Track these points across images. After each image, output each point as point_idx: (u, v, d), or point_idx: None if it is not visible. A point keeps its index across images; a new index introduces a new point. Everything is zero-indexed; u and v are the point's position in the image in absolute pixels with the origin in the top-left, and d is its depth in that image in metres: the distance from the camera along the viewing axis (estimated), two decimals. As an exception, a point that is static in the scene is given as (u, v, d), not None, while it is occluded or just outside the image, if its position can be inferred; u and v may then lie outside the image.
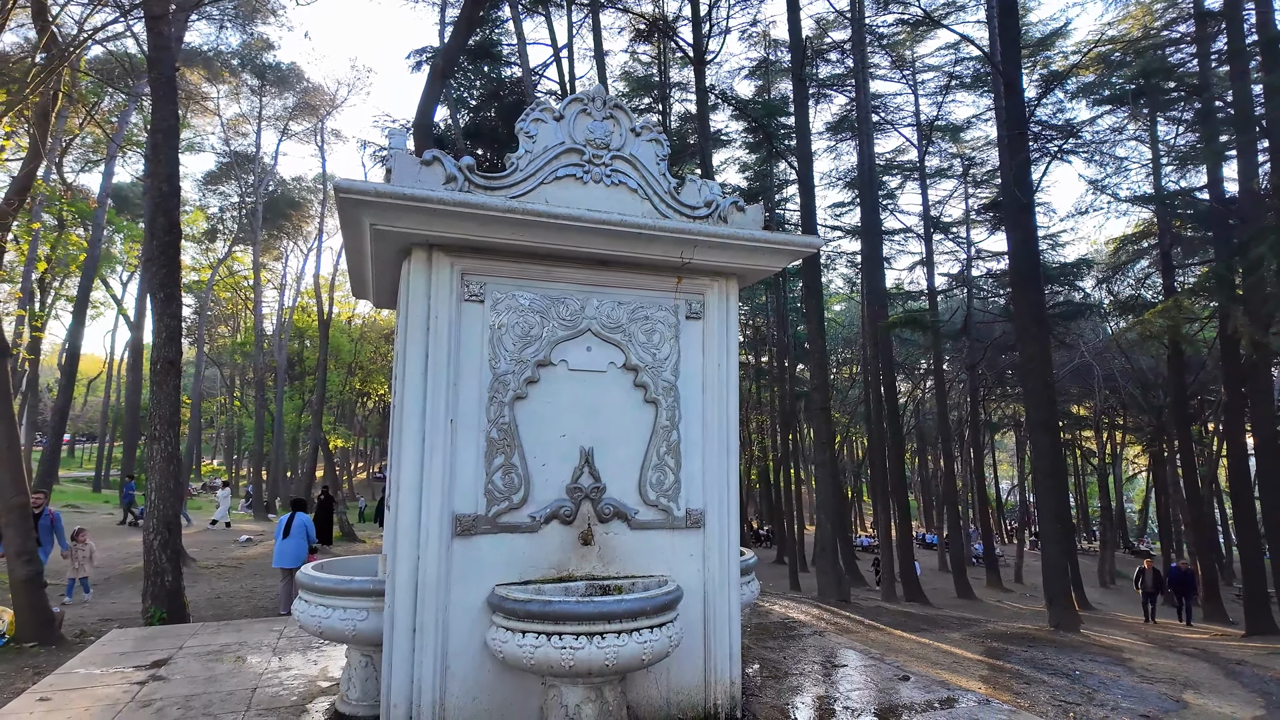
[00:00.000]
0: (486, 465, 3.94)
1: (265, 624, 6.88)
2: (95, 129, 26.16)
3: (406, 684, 3.69)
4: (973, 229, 32.72)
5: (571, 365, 4.17)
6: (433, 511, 3.80)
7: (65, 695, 4.69)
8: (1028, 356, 14.17)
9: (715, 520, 4.31)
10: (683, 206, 4.25)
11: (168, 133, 9.68)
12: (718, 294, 4.45)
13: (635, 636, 3.53)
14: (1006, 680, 8.74)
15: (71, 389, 23.30)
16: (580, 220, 3.84)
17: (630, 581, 4.04)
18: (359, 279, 5.16)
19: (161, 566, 8.73)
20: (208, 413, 58.13)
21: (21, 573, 8.31)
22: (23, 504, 8.49)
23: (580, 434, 4.13)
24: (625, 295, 4.28)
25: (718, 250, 4.20)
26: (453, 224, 3.74)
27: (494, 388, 3.99)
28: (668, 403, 4.29)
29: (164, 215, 9.48)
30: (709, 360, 4.40)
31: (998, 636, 12.87)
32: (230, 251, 39.46)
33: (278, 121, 37.07)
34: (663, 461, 4.26)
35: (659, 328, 4.33)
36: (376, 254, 4.08)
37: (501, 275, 4.06)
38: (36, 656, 7.85)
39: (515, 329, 4.06)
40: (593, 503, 4.11)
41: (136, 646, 5.98)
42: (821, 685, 5.05)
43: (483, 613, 3.82)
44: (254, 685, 4.88)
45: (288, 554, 10.19)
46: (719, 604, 4.26)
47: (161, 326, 9.28)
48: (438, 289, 3.92)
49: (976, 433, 33.36)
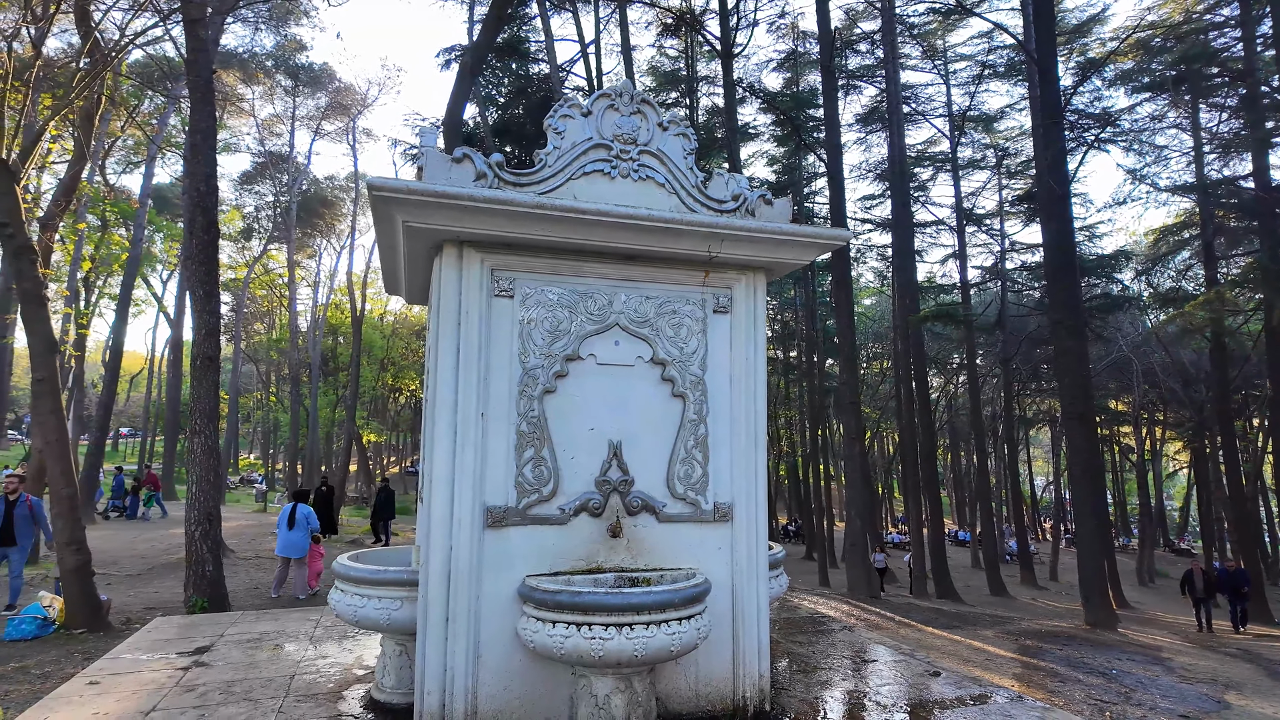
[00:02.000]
0: (517, 458, 4.00)
1: (302, 613, 7.05)
2: (136, 131, 26.84)
3: (440, 672, 3.77)
4: (1006, 221, 32.17)
5: (600, 359, 4.20)
6: (465, 503, 3.86)
7: (113, 679, 4.86)
8: (1063, 350, 13.90)
9: (743, 514, 4.32)
10: (710, 200, 4.25)
11: (205, 133, 9.92)
12: (745, 287, 4.45)
13: (664, 628, 3.57)
14: (1040, 678, 8.62)
15: (115, 385, 23.98)
16: (608, 215, 3.87)
17: (659, 574, 4.06)
18: (392, 275, 5.26)
19: (202, 556, 8.98)
20: (244, 408, 59.46)
21: (71, 561, 8.60)
22: (72, 495, 8.78)
23: (608, 427, 4.17)
24: (653, 289, 4.30)
25: (745, 244, 4.20)
26: (483, 220, 3.79)
27: (524, 382, 4.05)
28: (695, 396, 4.31)
29: (203, 214, 9.72)
30: (737, 354, 4.41)
31: (1032, 634, 12.68)
32: (265, 250, 40.24)
33: (310, 121, 37.71)
34: (690, 455, 4.27)
35: (686, 322, 4.34)
36: (409, 250, 4.15)
37: (530, 270, 4.11)
38: (85, 643, 8.13)
39: (544, 324, 4.11)
40: (621, 495, 4.14)
41: (180, 634, 6.17)
42: (851, 680, 5.04)
43: (514, 603, 3.88)
44: (292, 672, 5.02)
45: (292, 544, 10.74)
46: (747, 597, 4.27)
47: (201, 323, 9.52)
48: (468, 284, 3.98)
49: (1010, 428, 32.79)
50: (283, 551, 10.89)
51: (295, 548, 10.81)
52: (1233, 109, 23.39)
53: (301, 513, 10.85)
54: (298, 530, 10.75)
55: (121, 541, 18.22)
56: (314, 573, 11.61)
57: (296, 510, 10.89)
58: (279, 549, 10.94)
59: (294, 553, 10.83)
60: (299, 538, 10.78)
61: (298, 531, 10.75)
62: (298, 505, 11.02)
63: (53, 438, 8.67)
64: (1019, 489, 34.36)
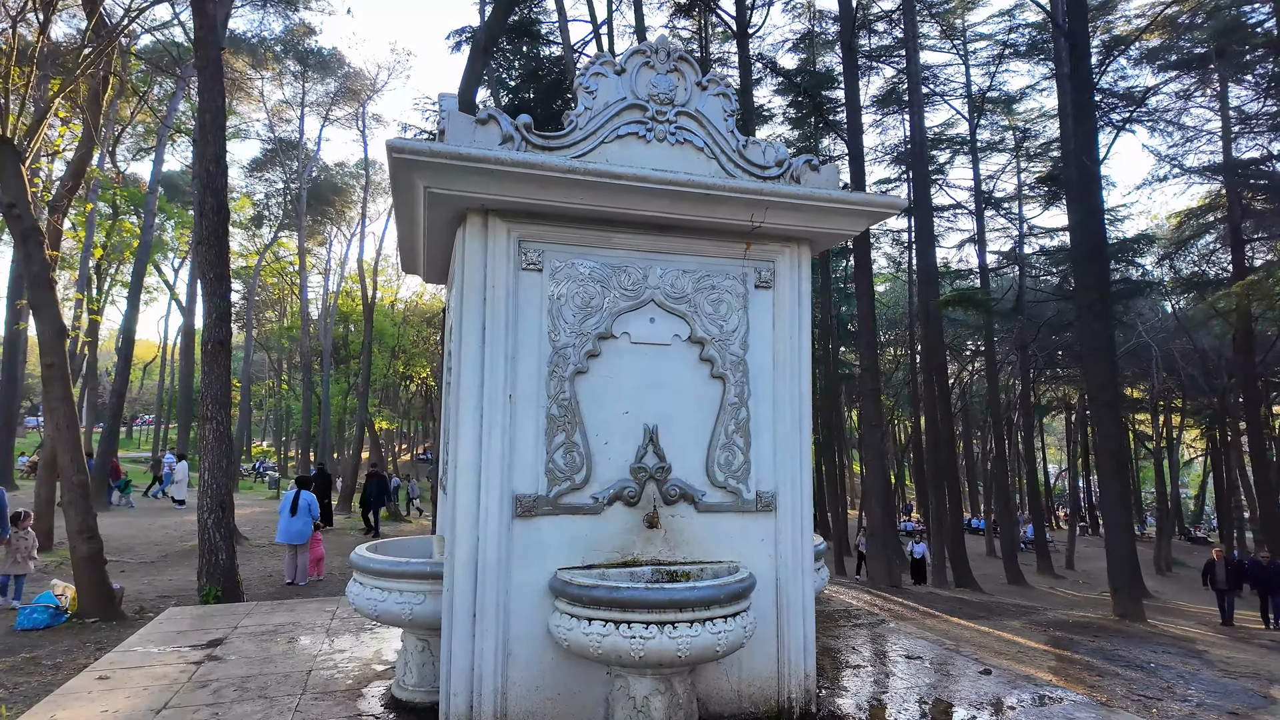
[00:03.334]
0: (547, 443, 3.74)
1: (318, 604, 6.85)
2: (146, 117, 26.71)
3: (467, 670, 3.53)
4: (1025, 205, 31.57)
5: (634, 338, 3.92)
6: (492, 491, 3.60)
7: (124, 674, 4.66)
8: (1092, 334, 13.49)
9: (787, 503, 4.04)
10: (752, 166, 3.95)
11: (214, 113, 9.65)
12: (789, 261, 4.15)
13: (709, 626, 3.30)
14: (1078, 672, 8.33)
15: (128, 372, 23.93)
16: (645, 181, 3.58)
17: (699, 567, 3.80)
18: (409, 252, 4.99)
19: (215, 544, 8.81)
20: (257, 396, 59.70)
21: (84, 550, 8.45)
22: (83, 482, 8.62)
23: (644, 410, 3.89)
24: (690, 263, 4.01)
25: (791, 212, 3.90)
26: (510, 186, 3.50)
27: (554, 361, 3.77)
28: (736, 378, 4.02)
29: (212, 196, 9.48)
30: (780, 332, 4.11)
31: (1060, 625, 12.38)
32: (276, 237, 40.16)
33: (320, 107, 37.51)
34: (731, 440, 4.00)
35: (726, 297, 4.05)
36: (429, 221, 3.88)
37: (560, 242, 3.82)
38: (98, 632, 7.98)
39: (575, 299, 3.83)
40: (658, 483, 3.87)
41: (193, 625, 5.97)
42: (898, 679, 4.76)
43: (545, 597, 3.63)
44: (308, 667, 4.80)
45: (293, 532, 10.82)
46: (792, 592, 4.00)
47: (211, 308, 9.30)
48: (494, 257, 3.71)
49: (1028, 415, 32.36)
50: (283, 539, 10.94)
51: (298, 535, 10.86)
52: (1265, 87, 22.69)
53: (304, 500, 10.91)
54: (299, 518, 10.81)
55: (137, 529, 18.20)
56: (314, 559, 11.60)
57: (300, 497, 10.94)
58: (280, 536, 11.01)
59: (296, 539, 10.88)
60: (300, 524, 10.83)
61: (300, 519, 10.81)
62: (301, 492, 11.08)
63: (63, 424, 8.50)
64: (1036, 477, 33.93)
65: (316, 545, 12.07)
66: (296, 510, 10.83)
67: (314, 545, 12.05)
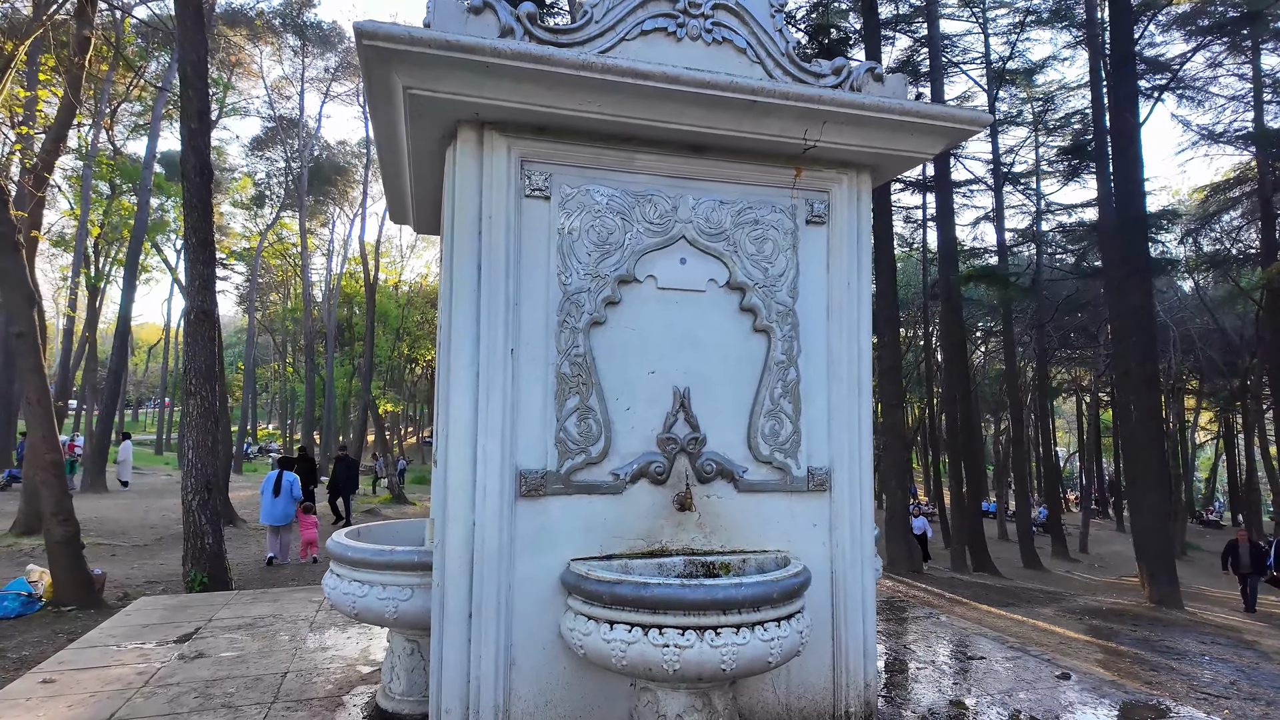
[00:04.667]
0: (557, 408, 3.08)
1: (305, 593, 6.25)
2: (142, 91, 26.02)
3: (461, 682, 2.90)
4: (1043, 180, 30.64)
5: (661, 282, 3.25)
6: (491, 466, 2.96)
7: (73, 676, 4.06)
8: (1131, 306, 12.73)
9: (844, 481, 3.39)
10: (804, 74, 3.25)
11: (196, 65, 8.95)
12: (846, 191, 3.46)
13: (759, 631, 2.66)
14: (1129, 666, 7.71)
15: (124, 351, 23.42)
16: (678, 82, 2.88)
17: (740, 558, 3.16)
18: (395, 194, 4.31)
19: (201, 528, 8.23)
20: (262, 379, 59.34)
21: (59, 533, 7.89)
22: (56, 461, 8.04)
23: (673, 370, 3.23)
24: (729, 192, 3.33)
25: (853, 128, 3.20)
26: (510, 87, 2.82)
27: (565, 309, 3.11)
28: (783, 331, 3.35)
29: (195, 154, 8.81)
30: (835, 277, 3.44)
31: (1095, 613, 11.76)
32: (278, 217, 39.52)
33: (320, 84, 36.80)
34: (778, 406, 3.33)
35: (772, 235, 3.37)
36: (414, 140, 3.20)
37: (571, 163, 3.14)
38: (74, 621, 7.43)
39: (590, 234, 3.15)
40: (690, 457, 3.22)
41: (164, 617, 5.38)
42: (965, 684, 4.12)
43: (555, 593, 3.00)
44: (285, 668, 4.19)
45: (276, 514, 10.82)
46: (850, 585, 3.36)
47: (195, 274, 8.66)
48: (492, 181, 3.03)
49: (1043, 396, 31.64)
50: (266, 519, 10.90)
51: (281, 516, 10.85)
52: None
53: (286, 480, 10.87)
54: (282, 498, 10.78)
55: (134, 511, 17.76)
56: (306, 542, 11.30)
57: (281, 478, 10.90)
58: (263, 517, 10.99)
59: (279, 521, 10.86)
60: (283, 506, 10.82)
61: (282, 500, 10.78)
62: (282, 473, 11.03)
63: (34, 398, 7.90)
64: (1052, 459, 33.25)
65: (309, 528, 11.64)
66: (279, 491, 10.77)
67: (306, 527, 11.65)
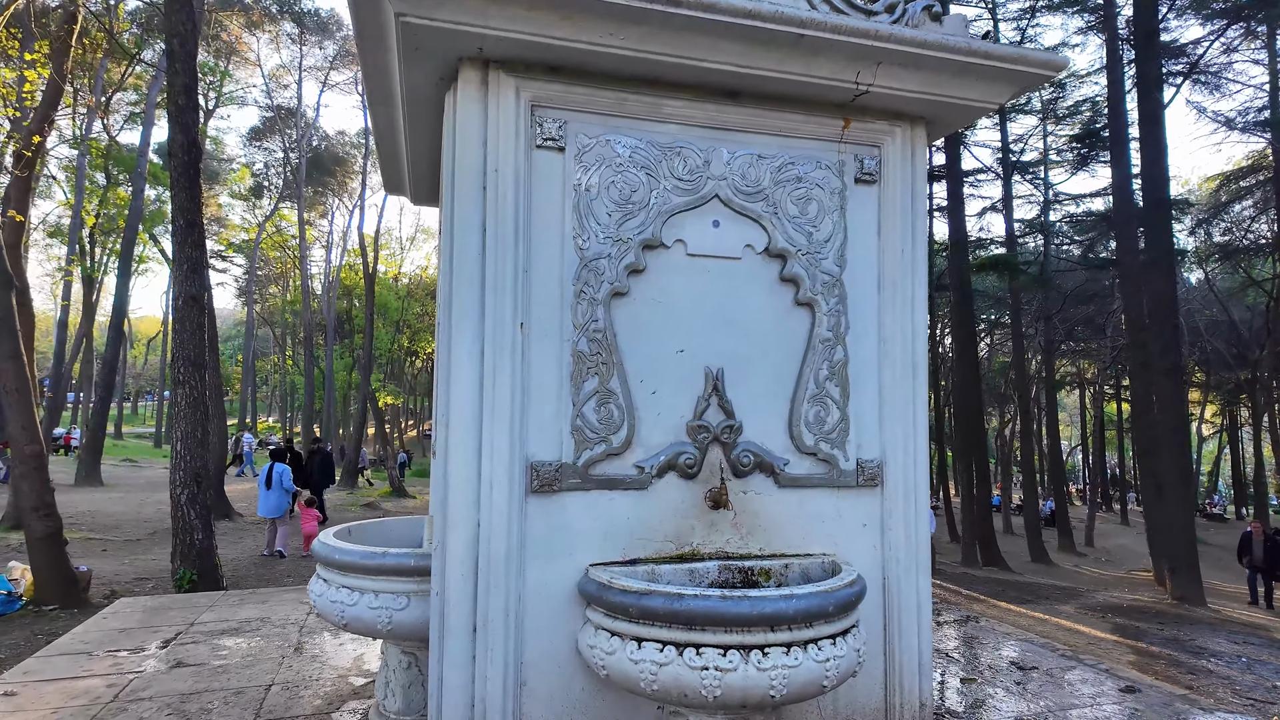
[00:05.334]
0: (574, 392, 2.68)
1: (296, 594, 5.87)
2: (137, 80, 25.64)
3: (464, 705, 2.51)
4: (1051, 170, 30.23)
5: (691, 248, 2.84)
6: (498, 457, 2.56)
7: (35, 689, 3.68)
8: (1154, 294, 12.32)
9: (897, 475, 2.99)
10: (852, 8, 2.83)
11: (183, 39, 8.53)
12: (900, 146, 3.05)
13: (813, 651, 2.27)
14: (1164, 668, 7.34)
15: (119, 342, 23.04)
16: (716, 10, 2.47)
17: (782, 563, 2.76)
18: (390, 156, 3.90)
19: (190, 524, 7.86)
20: (262, 372, 58.99)
21: (40, 528, 7.53)
22: (37, 453, 7.66)
23: (705, 349, 2.83)
24: (768, 145, 2.92)
25: (910, 71, 2.79)
26: (520, 16, 2.41)
27: (582, 278, 2.71)
28: (829, 305, 2.95)
29: (182, 132, 8.41)
30: (888, 244, 3.03)
31: (1116, 610, 11.39)
32: (276, 208, 39.12)
33: (318, 72, 36.35)
34: (823, 391, 2.93)
35: (816, 194, 2.96)
36: (410, 86, 2.79)
37: (590, 109, 2.73)
38: (55, 621, 7.08)
39: (611, 192, 2.75)
40: (725, 448, 2.82)
41: (143, 621, 5.00)
42: (1022, 700, 3.73)
43: (572, 604, 2.61)
44: (270, 680, 3.81)
45: (270, 506, 11.06)
46: (904, 593, 2.97)
47: (182, 257, 8.26)
48: (499, 129, 2.63)
49: (1051, 389, 31.29)
50: (263, 512, 11.21)
51: (274, 508, 11.05)
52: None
53: (277, 472, 11.01)
54: (274, 491, 10.96)
55: (129, 505, 17.46)
56: (306, 535, 11.25)
57: (273, 470, 11.06)
58: (259, 510, 11.30)
59: (274, 513, 11.08)
60: (275, 498, 11.01)
61: (275, 492, 10.97)
62: (274, 465, 11.20)
63: (12, 386, 7.51)
64: (1058, 452, 32.93)
65: (310, 520, 11.37)
66: (271, 484, 10.94)
67: (306, 520, 11.40)
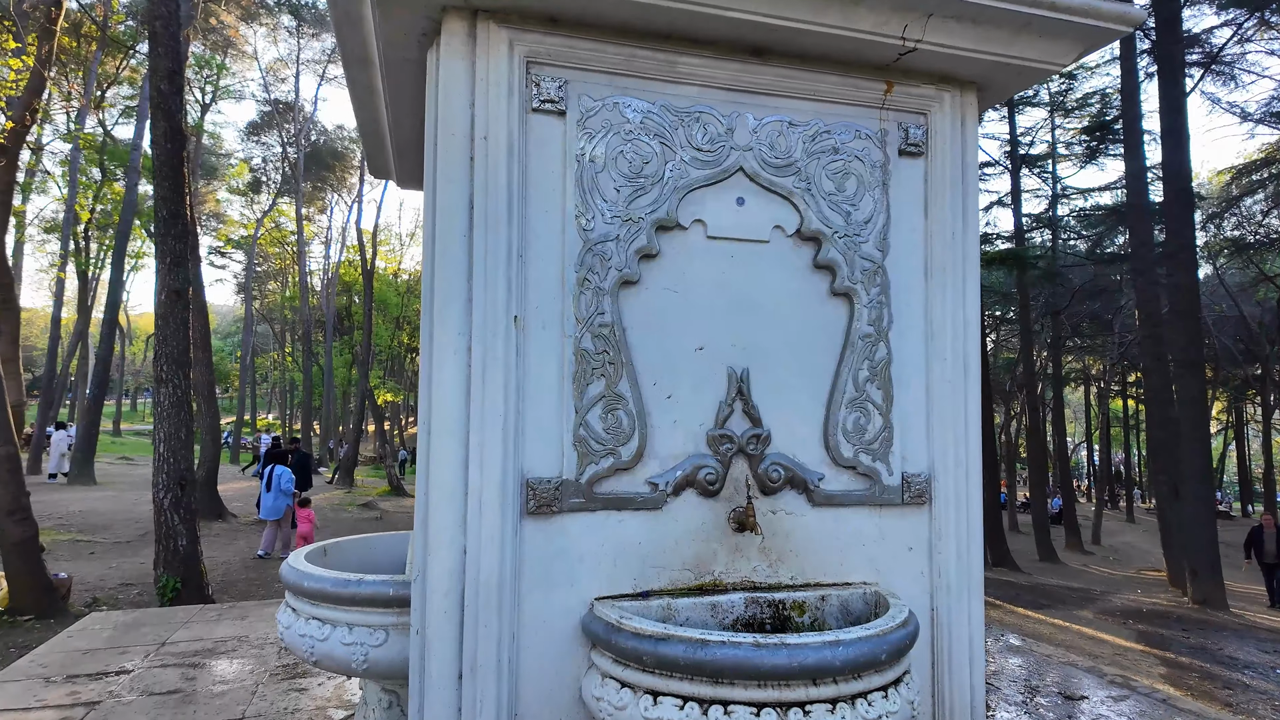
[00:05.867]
0: (576, 395, 2.30)
1: (277, 608, 5.49)
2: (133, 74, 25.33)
3: (449, 762, 2.14)
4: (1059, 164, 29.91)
5: (712, 229, 2.46)
6: (489, 472, 2.18)
7: (-22, 725, 3.32)
8: (1175, 287, 11.94)
9: (948, 491, 2.61)
10: (902, -47, 2.44)
11: (166, 19, 8.14)
12: (949, 114, 2.67)
13: (861, 708, 1.90)
14: (1198, 681, 6.97)
15: (113, 338, 22.72)
16: (745, -56, 2.09)
17: (818, 595, 2.39)
18: (371, 133, 3.51)
19: (174, 529, 7.50)
20: (261, 368, 58.64)
21: (15, 533, 7.16)
22: (12, 454, 7.29)
23: (727, 346, 2.45)
24: (800, 110, 2.53)
25: (964, 25, 2.40)
26: (513, -50, 2.03)
27: (586, 263, 2.33)
28: (870, 295, 2.57)
29: (165, 118, 8.03)
30: (936, 226, 2.65)
31: (1136, 615, 11.03)
32: (275, 204, 38.82)
33: (316, 65, 35.95)
34: (863, 394, 2.55)
35: (855, 168, 2.58)
36: (387, 42, 2.40)
37: (594, 67, 2.35)
38: (30, 633, 6.73)
39: (619, 163, 2.37)
40: (750, 460, 2.45)
41: (111, 640, 4.64)
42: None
43: (575, 641, 2.24)
44: (240, 713, 3.45)
45: (269, 507, 11.13)
46: (955, 625, 2.59)
47: (165, 249, 7.89)
48: (488, 89, 2.24)
49: (1059, 385, 30.95)
50: (263, 514, 11.32)
51: (272, 510, 11.11)
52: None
53: (275, 474, 11.02)
54: (273, 493, 11.00)
55: (121, 505, 17.16)
56: (300, 536, 11.05)
57: (273, 473, 11.07)
58: (261, 512, 11.41)
59: (272, 515, 11.14)
60: (273, 501, 11.05)
61: (273, 495, 11.01)
62: (274, 467, 11.19)
63: (-16, 385, 7.16)
64: (1065, 450, 32.63)
65: (304, 521, 11.07)
66: (271, 486, 10.95)
67: (300, 521, 11.10)
